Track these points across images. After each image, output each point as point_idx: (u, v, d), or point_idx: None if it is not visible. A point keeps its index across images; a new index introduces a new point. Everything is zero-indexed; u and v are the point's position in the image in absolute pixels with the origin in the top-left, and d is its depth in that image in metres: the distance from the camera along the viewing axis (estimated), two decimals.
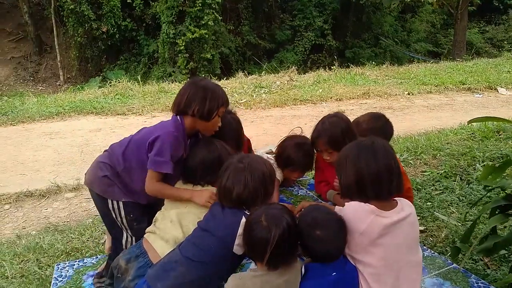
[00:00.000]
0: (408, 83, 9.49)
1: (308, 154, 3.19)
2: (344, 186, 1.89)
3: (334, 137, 2.79)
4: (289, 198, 3.38)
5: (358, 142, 1.94)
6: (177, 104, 2.38)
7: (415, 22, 23.37)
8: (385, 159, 1.82)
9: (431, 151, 4.65)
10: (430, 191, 3.85)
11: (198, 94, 2.34)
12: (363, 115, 3.09)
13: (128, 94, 8.59)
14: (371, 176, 1.80)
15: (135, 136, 2.40)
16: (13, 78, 20.11)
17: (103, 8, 16.60)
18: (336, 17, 19.40)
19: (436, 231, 3.17)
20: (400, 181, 1.85)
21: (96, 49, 17.80)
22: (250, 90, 8.48)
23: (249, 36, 18.42)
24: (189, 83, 2.44)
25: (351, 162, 1.85)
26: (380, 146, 1.85)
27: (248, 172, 1.99)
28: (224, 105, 2.41)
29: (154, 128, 2.35)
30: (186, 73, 15.51)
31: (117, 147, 2.40)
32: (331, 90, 8.58)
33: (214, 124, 2.42)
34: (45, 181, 4.63)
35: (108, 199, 2.35)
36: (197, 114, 2.32)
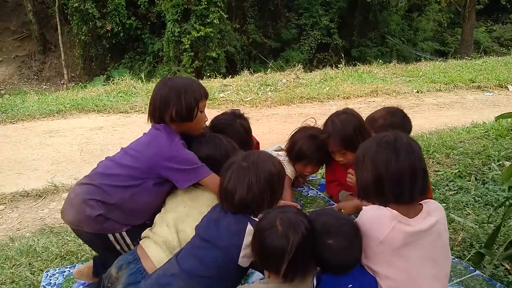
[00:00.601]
0: (416, 81, 9.28)
1: (322, 145, 2.90)
2: (360, 186, 1.69)
3: (347, 136, 2.56)
4: (298, 199, 3.17)
5: (378, 137, 1.72)
6: (151, 113, 2.20)
7: (421, 21, 23.18)
8: (409, 157, 1.61)
9: (444, 150, 4.45)
10: (444, 191, 3.66)
11: (170, 95, 2.14)
12: (377, 110, 2.84)
13: (131, 92, 8.43)
14: (391, 176, 1.59)
15: (123, 160, 2.13)
16: (17, 77, 20.06)
17: (108, 6, 16.51)
18: (342, 16, 19.21)
19: (452, 234, 2.98)
20: (425, 183, 1.64)
21: (100, 47, 17.72)
22: (256, 88, 8.31)
23: (255, 35, 18.25)
24: (158, 86, 2.23)
25: (369, 160, 1.65)
26: (404, 143, 1.64)
27: (253, 172, 1.77)
28: (203, 97, 2.21)
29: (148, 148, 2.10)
30: (191, 72, 15.39)
31: (103, 178, 2.10)
32: (338, 88, 8.39)
33: (199, 121, 2.22)
34: (43, 180, 4.49)
35: (107, 234, 2.11)
36: (177, 117, 2.13)
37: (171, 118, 2.13)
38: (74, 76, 19.58)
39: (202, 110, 2.22)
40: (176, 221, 2.01)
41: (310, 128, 3.04)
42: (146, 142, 2.14)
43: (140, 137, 2.23)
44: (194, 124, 2.19)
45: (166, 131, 2.13)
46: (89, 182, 2.10)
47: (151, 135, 2.17)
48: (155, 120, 2.19)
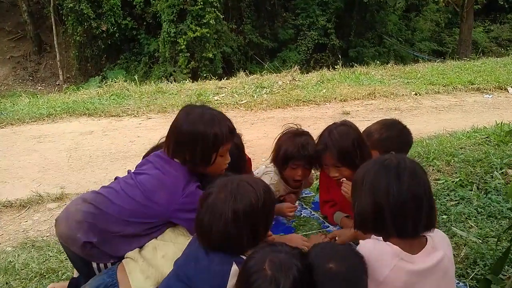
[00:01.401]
0: (415, 83, 9.12)
1: (308, 143, 2.75)
2: (357, 214, 1.51)
3: (344, 150, 2.39)
4: (290, 220, 2.93)
5: (379, 159, 1.55)
6: (167, 145, 2.04)
7: (419, 21, 23.11)
8: (413, 184, 1.44)
9: (444, 157, 4.29)
10: (445, 202, 3.50)
11: (184, 141, 1.96)
12: (374, 123, 2.66)
13: (124, 94, 8.25)
14: (393, 206, 1.41)
15: (133, 193, 1.96)
16: (12, 78, 19.91)
17: (103, 6, 16.41)
18: (339, 16, 19.10)
19: (455, 250, 2.81)
20: (431, 215, 1.46)
21: (96, 48, 17.63)
22: (251, 91, 8.14)
23: (252, 35, 18.13)
24: (180, 116, 2.02)
25: (368, 186, 1.47)
26: (407, 167, 1.47)
27: (231, 204, 1.54)
28: (226, 142, 2.00)
29: (160, 192, 1.94)
30: (187, 73, 15.29)
31: (110, 206, 1.94)
32: (335, 90, 8.22)
33: (218, 166, 2.04)
34: (28, 189, 4.30)
35: (91, 261, 1.97)
36: (189, 162, 1.98)
37: (183, 160, 1.98)
38: (69, 77, 19.43)
39: (223, 155, 2.04)
40: (175, 254, 1.80)
41: (294, 130, 2.88)
42: (158, 183, 1.97)
43: (152, 168, 2.04)
44: (210, 168, 2.03)
45: (181, 171, 1.98)
46: (96, 204, 1.96)
47: (165, 173, 1.99)
48: (169, 154, 2.03)
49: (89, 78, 17.83)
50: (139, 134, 5.93)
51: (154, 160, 2.09)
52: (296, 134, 2.82)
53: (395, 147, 2.38)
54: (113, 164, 4.93)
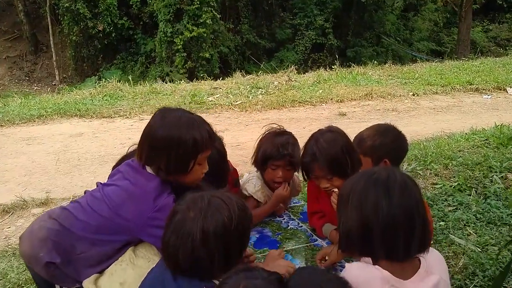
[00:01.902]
0: (412, 84, 9.00)
1: (288, 142, 2.60)
2: (343, 233, 1.36)
3: (334, 159, 2.20)
4: (275, 233, 2.69)
5: (367, 172, 1.40)
6: (139, 151, 1.87)
7: (417, 21, 23.03)
8: (405, 201, 1.29)
9: (442, 160, 4.16)
10: (443, 207, 3.37)
11: (159, 147, 1.79)
12: (367, 128, 2.48)
13: (117, 95, 8.12)
14: (382, 225, 1.26)
15: (99, 209, 1.80)
16: (8, 78, 19.76)
17: (99, 6, 16.28)
18: (337, 16, 18.97)
19: (452, 259, 2.69)
20: (425, 236, 1.32)
21: (92, 48, 17.49)
22: (246, 91, 8.00)
23: (249, 35, 18.00)
24: (154, 121, 1.86)
25: (355, 202, 1.32)
26: (398, 182, 1.32)
27: (200, 223, 1.37)
28: (205, 149, 1.85)
29: (127, 205, 1.78)
30: (184, 73, 15.16)
31: (75, 222, 1.80)
32: (332, 91, 8.10)
33: (195, 175, 1.88)
34: (13, 194, 4.16)
35: (55, 284, 1.81)
36: (166, 171, 1.81)
37: (158, 168, 1.82)
38: (65, 77, 19.30)
39: (201, 163, 1.87)
40: (135, 281, 1.66)
41: (275, 130, 2.74)
42: (126, 195, 1.81)
43: (122, 179, 1.88)
44: (187, 177, 1.86)
45: (153, 181, 1.81)
46: (61, 221, 1.81)
47: (135, 183, 1.83)
48: (141, 162, 1.86)
49: (85, 78, 17.70)
50: (130, 136, 5.79)
51: (124, 169, 1.94)
52: (276, 134, 2.69)
53: (389, 154, 2.25)
54: (102, 167, 4.79)
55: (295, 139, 2.71)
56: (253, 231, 2.64)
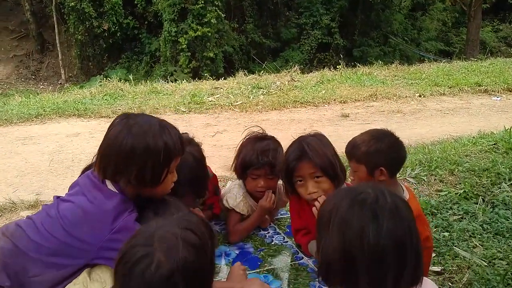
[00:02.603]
0: (419, 84, 8.79)
1: (269, 148, 2.40)
2: (322, 261, 1.18)
3: (325, 154, 2.09)
4: (258, 249, 2.46)
5: (353, 191, 1.22)
6: (101, 166, 1.67)
7: (425, 20, 22.78)
8: (395, 228, 1.12)
9: (448, 166, 3.97)
10: (448, 216, 3.19)
11: (129, 159, 1.62)
12: (361, 134, 2.26)
13: (118, 94, 8.00)
14: (368, 255, 1.09)
15: (54, 230, 1.62)
16: (14, 77, 19.81)
17: (105, 5, 16.32)
18: (343, 15, 18.80)
19: (456, 274, 2.51)
20: (418, 269, 1.14)
21: (97, 47, 17.53)
22: (247, 91, 7.85)
23: (254, 35, 17.88)
24: (117, 129, 1.66)
25: (337, 225, 1.15)
26: (388, 205, 1.14)
27: (163, 252, 1.14)
28: (178, 155, 1.72)
29: (86, 215, 1.61)
30: (188, 72, 15.09)
31: (29, 243, 1.62)
32: (335, 92, 7.91)
33: (166, 185, 1.74)
34: (3, 195, 4.04)
35: None
36: (135, 182, 1.65)
37: (127, 181, 1.64)
38: (71, 76, 19.31)
39: (173, 171, 1.74)
40: None
41: (256, 135, 2.55)
42: (82, 214, 1.63)
43: (79, 194, 1.71)
44: (158, 188, 1.71)
45: (113, 199, 1.64)
46: (14, 240, 1.65)
47: (92, 200, 1.65)
48: (103, 177, 1.68)
49: (91, 77, 17.66)
50: None
51: (83, 183, 1.76)
52: (257, 138, 2.50)
53: (384, 162, 2.08)
54: None
55: (278, 143, 2.52)
56: (233, 246, 2.47)
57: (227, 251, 2.39)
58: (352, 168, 2.14)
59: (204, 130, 6.07)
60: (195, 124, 6.28)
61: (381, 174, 2.08)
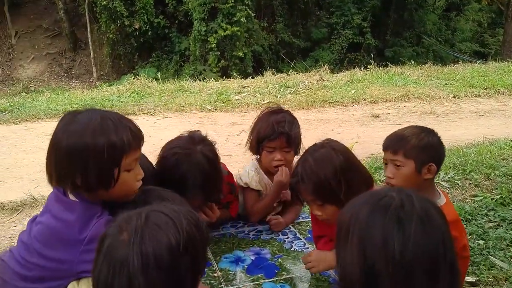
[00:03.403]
0: (453, 85, 8.48)
1: (285, 120, 2.32)
2: (341, 280, 1.02)
3: (322, 182, 1.82)
4: (275, 255, 2.29)
5: (374, 195, 1.05)
6: (48, 174, 1.55)
7: (460, 21, 22.17)
8: (426, 238, 0.95)
9: (483, 170, 3.76)
10: (483, 223, 2.99)
11: (69, 161, 1.46)
12: (405, 127, 2.07)
13: (145, 92, 7.99)
14: (394, 271, 0.92)
15: (31, 258, 1.53)
16: (47, 74, 20.21)
17: (136, 4, 16.45)
18: (375, 15, 18.44)
19: (493, 285, 2.33)
20: (454, 284, 0.96)
21: (128, 46, 17.69)
22: (275, 90, 7.71)
23: (283, 34, 17.72)
24: (57, 131, 1.52)
25: (356, 238, 0.99)
26: (418, 211, 0.97)
27: (136, 252, 1.03)
28: (130, 150, 1.51)
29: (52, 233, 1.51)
30: (217, 72, 15.07)
31: (11, 274, 1.55)
32: (365, 91, 7.69)
33: (126, 185, 1.54)
34: (25, 190, 4.03)
35: None
36: (85, 188, 1.49)
37: (74, 186, 1.48)
38: (102, 74, 19.58)
39: (130, 168, 1.54)
40: None
41: (270, 109, 2.47)
42: (50, 234, 1.51)
43: (45, 212, 1.60)
44: (115, 190, 1.52)
45: (74, 208, 1.50)
46: (1, 276, 1.57)
47: (55, 215, 1.52)
48: (53, 183, 1.54)
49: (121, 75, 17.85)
50: (151, 134, 5.60)
51: (49, 197, 1.64)
52: (272, 112, 2.41)
53: (435, 159, 1.90)
54: None
55: (293, 117, 2.43)
56: (249, 251, 2.31)
57: (242, 256, 2.26)
58: (395, 163, 1.93)
59: (230, 128, 5.97)
60: (220, 123, 6.19)
61: (428, 171, 1.90)
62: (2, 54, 19.80)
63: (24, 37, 20.45)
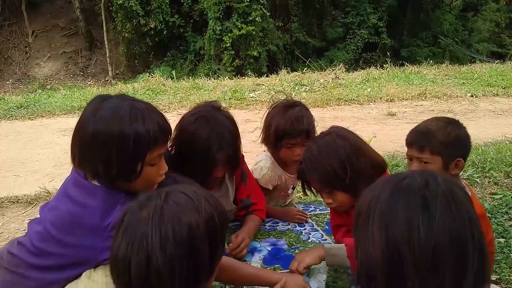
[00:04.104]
0: (471, 84, 8.36)
1: (302, 115, 2.23)
2: (362, 267, 0.95)
3: (327, 170, 1.74)
4: (292, 247, 2.23)
5: (395, 178, 0.97)
6: (71, 157, 1.46)
7: (477, 21, 21.84)
8: (452, 220, 0.87)
9: (503, 167, 3.68)
10: (503, 221, 2.92)
11: (92, 147, 1.37)
12: (428, 120, 1.93)
13: (159, 89, 8.03)
14: (418, 257, 0.86)
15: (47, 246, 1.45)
16: (63, 73, 20.40)
17: (152, 4, 16.45)
18: (392, 14, 18.27)
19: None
20: (483, 270, 0.89)
21: (144, 45, 17.75)
22: (290, 88, 7.67)
23: (298, 34, 17.65)
24: (85, 114, 1.43)
25: (377, 222, 0.91)
26: (442, 191, 0.89)
27: (156, 229, 1.01)
28: (157, 145, 1.43)
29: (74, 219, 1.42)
30: (232, 71, 15.04)
31: (26, 267, 1.47)
32: (382, 90, 7.61)
33: (150, 178, 1.47)
34: (39, 184, 4.05)
35: None
36: (106, 177, 1.41)
37: (94, 174, 1.42)
38: (118, 73, 19.69)
39: (154, 163, 1.46)
40: None
41: (284, 101, 2.38)
42: (70, 220, 1.43)
43: (62, 197, 1.53)
44: (137, 184, 1.44)
45: (98, 193, 1.42)
46: (12, 269, 1.50)
47: (76, 201, 1.45)
48: (76, 167, 1.47)
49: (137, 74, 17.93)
50: None
51: (66, 181, 1.58)
52: (286, 106, 2.32)
53: (463, 153, 1.81)
54: None
55: (306, 108, 2.34)
56: (265, 242, 2.26)
57: (258, 247, 2.21)
58: (422, 160, 1.82)
59: (244, 125, 5.95)
60: None
61: (455, 166, 1.81)
62: (19, 53, 20.02)
63: (41, 36, 20.66)
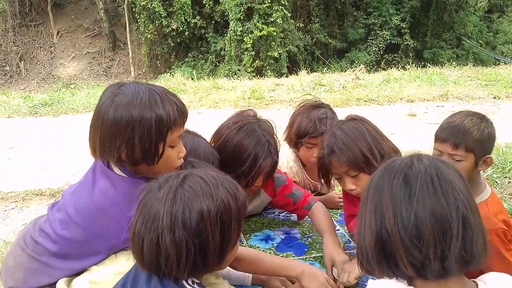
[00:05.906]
0: (494, 86, 8.22)
1: (326, 116, 2.27)
2: (359, 246, 1.01)
3: (356, 148, 1.79)
4: (305, 235, 2.26)
5: (386, 162, 1.03)
6: (91, 147, 1.50)
7: (502, 23, 21.50)
8: (433, 198, 0.91)
9: None
10: None
11: (114, 133, 1.41)
12: (459, 115, 1.88)
13: (180, 89, 8.10)
14: (403, 231, 0.91)
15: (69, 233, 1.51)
16: (87, 73, 20.74)
17: (174, 5, 16.67)
18: (414, 15, 18.10)
19: None
20: (469, 244, 0.91)
21: (166, 46, 17.95)
22: (309, 88, 7.67)
23: (319, 35, 17.61)
24: (103, 100, 1.48)
25: (369, 203, 0.98)
26: (424, 170, 0.95)
27: (167, 210, 1.06)
28: (174, 126, 1.46)
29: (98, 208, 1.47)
30: (252, 72, 15.09)
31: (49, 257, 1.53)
32: (402, 91, 7.54)
33: (168, 162, 1.50)
34: (63, 178, 4.15)
35: None
36: (130, 162, 1.45)
37: (119, 159, 1.45)
38: (140, 73, 19.94)
39: (174, 144, 1.50)
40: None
41: (311, 103, 2.41)
42: (94, 209, 1.48)
43: (85, 186, 1.57)
44: (159, 166, 1.48)
45: (121, 185, 1.48)
46: (36, 257, 1.54)
47: (101, 190, 1.49)
48: (96, 156, 1.51)
49: (158, 75, 18.12)
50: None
51: (89, 170, 1.62)
52: (313, 106, 2.36)
53: (491, 150, 1.79)
54: None
55: (333, 112, 2.38)
56: (279, 231, 2.30)
57: (272, 235, 2.25)
58: (454, 158, 1.76)
59: None
60: None
61: (484, 163, 1.79)
62: (45, 53, 20.43)
63: (66, 36, 21.04)
